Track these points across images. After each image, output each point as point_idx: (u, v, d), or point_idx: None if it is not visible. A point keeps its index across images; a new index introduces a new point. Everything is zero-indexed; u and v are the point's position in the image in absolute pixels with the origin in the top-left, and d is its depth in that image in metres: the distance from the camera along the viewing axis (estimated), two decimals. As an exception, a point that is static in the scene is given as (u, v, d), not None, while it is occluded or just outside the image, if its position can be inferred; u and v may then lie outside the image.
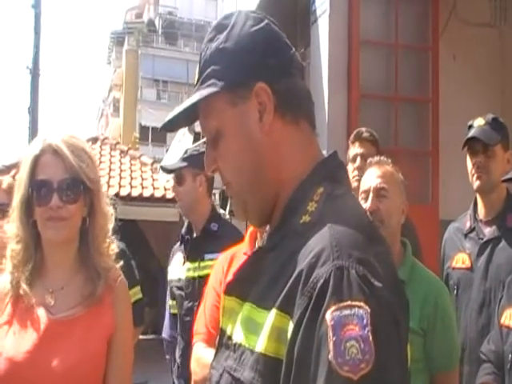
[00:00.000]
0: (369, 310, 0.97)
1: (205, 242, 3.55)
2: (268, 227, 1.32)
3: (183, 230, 3.81)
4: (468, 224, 3.28)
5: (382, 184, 2.58)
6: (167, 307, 4.03)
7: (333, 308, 0.97)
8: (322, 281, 1.00)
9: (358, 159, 3.66)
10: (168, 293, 3.94)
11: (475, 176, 3.18)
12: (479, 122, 3.19)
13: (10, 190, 2.86)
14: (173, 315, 3.89)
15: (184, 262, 3.67)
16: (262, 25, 1.24)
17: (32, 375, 1.89)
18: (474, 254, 3.16)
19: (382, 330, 0.97)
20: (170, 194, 10.65)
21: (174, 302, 3.80)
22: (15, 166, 10.51)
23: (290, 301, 1.03)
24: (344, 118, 5.40)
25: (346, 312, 0.96)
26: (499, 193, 3.16)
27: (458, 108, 5.14)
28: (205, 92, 1.22)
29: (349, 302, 0.97)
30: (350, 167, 3.67)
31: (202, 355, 2.28)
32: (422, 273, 2.59)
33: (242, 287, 1.22)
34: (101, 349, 1.99)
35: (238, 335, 1.16)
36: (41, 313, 1.96)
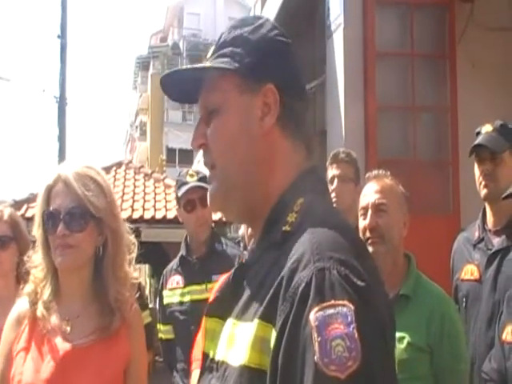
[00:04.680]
0: (353, 308, 0.96)
1: (211, 262, 3.46)
2: (251, 244, 1.31)
3: (184, 252, 3.69)
4: (476, 234, 3.17)
5: (380, 199, 2.51)
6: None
7: (316, 309, 0.96)
8: (303, 284, 0.99)
9: (336, 181, 3.53)
10: (159, 317, 3.80)
11: (482, 184, 3.09)
12: (487, 128, 3.10)
13: (11, 222, 2.86)
14: (165, 341, 3.77)
15: (185, 285, 3.57)
16: (286, 40, 1.26)
17: None
18: (482, 265, 3.05)
19: (367, 327, 0.96)
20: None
21: (168, 327, 3.69)
22: (26, 201, 10.60)
23: (272, 309, 1.02)
24: (361, 130, 5.36)
25: (330, 311, 0.96)
26: (508, 201, 3.04)
27: (478, 116, 5.00)
28: (217, 64, 1.22)
29: (332, 302, 0.96)
30: None
31: None
32: (428, 287, 2.50)
33: (222, 306, 1.20)
34: (117, 376, 2.03)
35: (220, 353, 1.13)
36: (58, 340, 1.99)
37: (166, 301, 3.69)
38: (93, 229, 2.05)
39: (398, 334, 2.28)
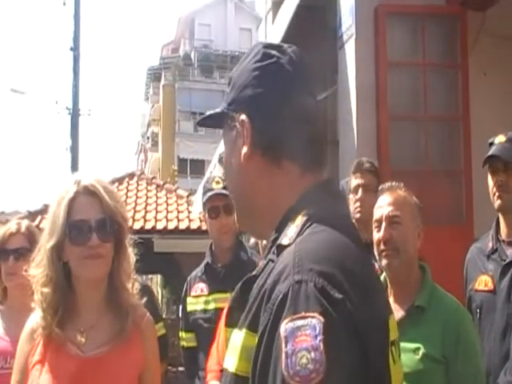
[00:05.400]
0: (322, 320, 0.97)
1: (236, 270, 3.45)
2: None
3: (210, 260, 3.71)
4: (490, 245, 3.14)
5: (394, 211, 2.52)
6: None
7: (287, 320, 0.99)
8: (281, 296, 1.03)
9: (360, 190, 3.58)
10: (182, 325, 3.82)
11: (496, 195, 3.07)
12: (500, 139, 3.09)
13: (28, 234, 2.89)
14: (187, 349, 3.78)
15: (209, 292, 3.59)
16: (266, 62, 1.30)
17: None
18: (496, 275, 3.02)
19: (336, 340, 0.97)
20: (205, 226, 10.67)
21: (191, 335, 3.70)
22: (40, 212, 10.59)
23: (257, 319, 1.06)
24: (373, 140, 5.34)
25: (299, 323, 0.97)
26: None
27: (490, 125, 4.99)
28: (212, 111, 1.37)
29: (303, 314, 0.98)
30: (352, 198, 3.59)
31: None
32: (443, 298, 2.50)
33: (235, 317, 1.23)
34: (133, 383, 2.05)
35: (226, 361, 1.18)
36: (73, 352, 2.01)
37: (189, 308, 3.71)
38: (113, 239, 2.08)
39: (413, 345, 2.30)
